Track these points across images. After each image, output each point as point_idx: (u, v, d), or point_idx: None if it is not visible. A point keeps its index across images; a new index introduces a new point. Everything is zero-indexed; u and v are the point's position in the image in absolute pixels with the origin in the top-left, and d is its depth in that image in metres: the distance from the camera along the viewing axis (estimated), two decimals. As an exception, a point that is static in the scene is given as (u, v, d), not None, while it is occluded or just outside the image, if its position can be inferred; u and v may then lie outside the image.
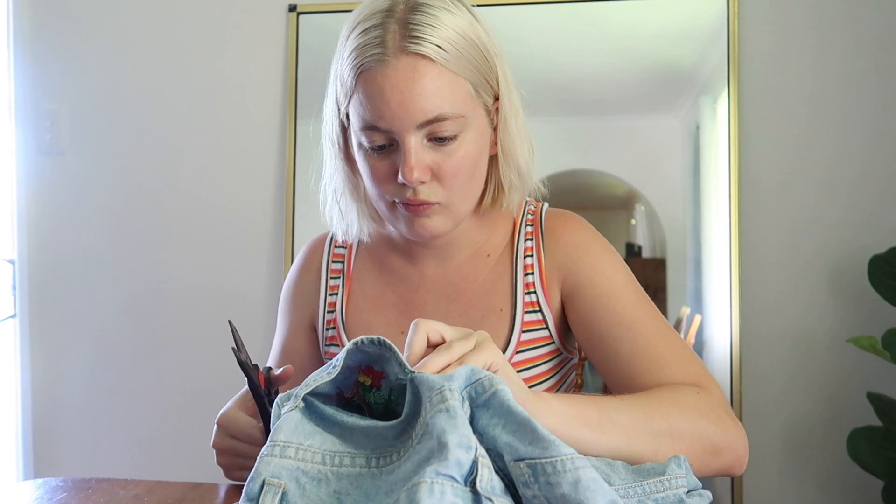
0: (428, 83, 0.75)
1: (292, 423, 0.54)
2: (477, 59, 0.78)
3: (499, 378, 0.52)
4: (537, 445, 0.49)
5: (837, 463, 1.62)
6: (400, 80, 0.75)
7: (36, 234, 1.96)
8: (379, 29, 0.76)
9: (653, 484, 0.59)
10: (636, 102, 1.71)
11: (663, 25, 1.69)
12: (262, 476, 0.52)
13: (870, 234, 1.61)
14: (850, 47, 1.64)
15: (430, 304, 0.91)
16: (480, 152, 0.82)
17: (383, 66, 0.75)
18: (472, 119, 0.79)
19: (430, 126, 0.76)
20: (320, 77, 1.82)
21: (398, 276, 0.93)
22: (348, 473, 0.53)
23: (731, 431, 0.73)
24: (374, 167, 0.80)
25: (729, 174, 1.64)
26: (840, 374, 1.64)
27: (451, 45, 0.76)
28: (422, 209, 0.80)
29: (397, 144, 0.78)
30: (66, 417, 1.96)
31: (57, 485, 0.76)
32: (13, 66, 1.93)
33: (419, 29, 0.75)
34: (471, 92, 0.79)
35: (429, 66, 0.75)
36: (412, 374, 0.53)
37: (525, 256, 0.90)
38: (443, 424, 0.48)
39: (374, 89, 0.76)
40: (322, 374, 0.56)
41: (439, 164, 0.78)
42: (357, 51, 0.77)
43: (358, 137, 0.80)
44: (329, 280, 0.97)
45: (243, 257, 1.87)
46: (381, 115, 0.76)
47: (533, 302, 0.88)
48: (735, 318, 1.62)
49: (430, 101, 0.75)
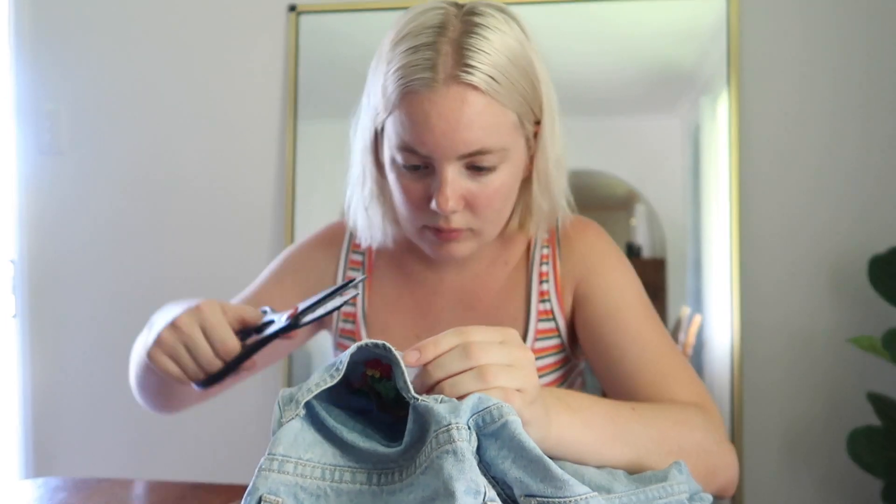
0: (475, 115, 0.72)
1: (291, 434, 0.52)
2: (525, 87, 0.76)
3: (509, 408, 0.50)
4: (550, 484, 0.48)
5: (837, 463, 1.62)
6: (447, 109, 0.72)
7: (36, 234, 1.96)
8: (430, 50, 0.73)
9: (655, 490, 0.59)
10: (636, 102, 1.71)
11: (663, 25, 1.68)
12: (260, 492, 0.51)
13: (870, 234, 1.61)
14: (851, 47, 1.64)
15: (447, 310, 0.90)
16: (515, 181, 0.81)
17: (431, 92, 0.72)
18: (512, 150, 0.77)
19: (471, 157, 0.74)
20: (320, 77, 1.83)
21: (416, 280, 0.92)
22: (348, 490, 0.52)
23: (728, 454, 0.73)
24: (406, 187, 0.78)
25: (729, 174, 1.64)
26: (840, 374, 1.63)
27: (502, 76, 0.73)
28: (452, 236, 0.79)
29: (433, 168, 0.76)
30: (66, 417, 1.96)
31: (57, 485, 0.75)
32: (13, 66, 1.93)
33: (472, 56, 0.72)
34: (515, 123, 0.76)
35: (478, 98, 0.72)
36: (415, 401, 0.51)
37: (541, 264, 0.89)
38: (449, 469, 0.46)
39: (419, 113, 0.73)
40: (325, 375, 0.54)
41: (474, 193, 0.77)
42: (405, 69, 0.73)
43: (392, 153, 0.78)
44: (347, 269, 0.95)
45: (243, 258, 1.87)
46: (423, 141, 0.74)
47: (547, 310, 0.88)
48: (735, 318, 1.62)
49: (474, 133, 0.73)
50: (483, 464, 0.50)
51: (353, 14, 1.79)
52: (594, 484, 0.58)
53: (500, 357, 0.53)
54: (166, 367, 0.72)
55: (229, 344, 0.72)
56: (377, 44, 0.81)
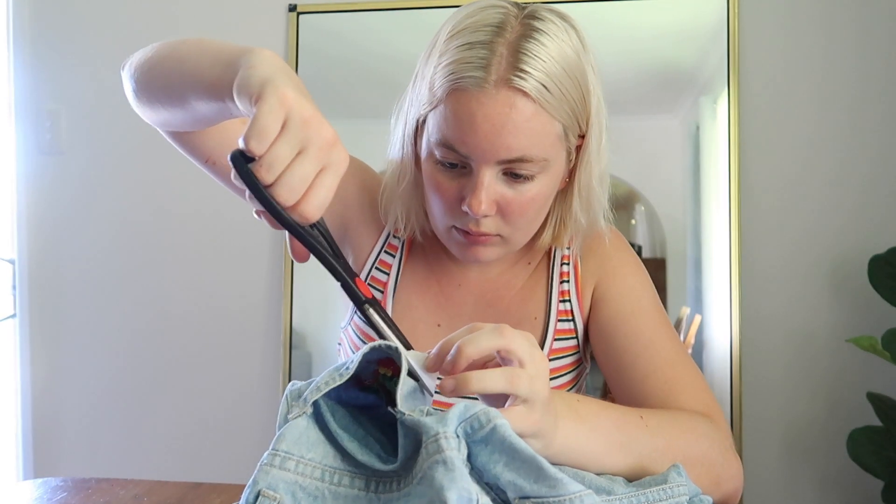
0: (522, 122, 0.71)
1: (296, 432, 0.53)
2: (576, 99, 0.74)
3: (496, 412, 0.51)
4: (544, 483, 0.48)
5: (837, 463, 1.62)
6: (495, 112, 0.70)
7: (36, 234, 1.96)
8: (486, 49, 0.71)
9: (655, 492, 0.59)
10: (636, 102, 1.71)
11: (663, 25, 1.69)
12: (259, 486, 0.51)
13: (870, 234, 1.61)
14: (850, 47, 1.64)
15: (469, 304, 0.90)
16: (551, 193, 0.79)
17: (481, 92, 0.71)
18: (553, 162, 0.76)
19: (511, 164, 0.73)
20: (320, 77, 1.83)
21: (443, 270, 0.92)
22: (345, 494, 0.52)
23: (734, 465, 0.73)
24: (440, 183, 0.77)
25: (729, 174, 1.64)
26: (840, 375, 1.64)
27: (554, 85, 0.71)
28: (481, 240, 0.78)
29: (470, 168, 0.75)
30: (66, 417, 1.96)
31: (57, 485, 0.76)
32: (13, 66, 1.93)
33: (527, 62, 0.70)
34: (560, 134, 0.75)
35: (527, 105, 0.71)
36: (402, 415, 0.51)
37: (562, 264, 0.89)
38: (441, 479, 0.46)
39: (464, 112, 0.72)
40: (334, 374, 0.54)
41: (508, 200, 0.75)
42: (456, 65, 0.72)
43: (431, 147, 0.77)
44: (383, 252, 0.92)
45: (243, 257, 1.87)
46: (465, 140, 0.72)
47: (567, 311, 0.88)
48: (735, 318, 1.62)
49: (518, 140, 0.71)
50: (475, 470, 0.51)
51: (352, 14, 1.79)
52: (593, 486, 0.58)
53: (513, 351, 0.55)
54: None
55: (318, 212, 0.54)
56: (377, 43, 0.81)
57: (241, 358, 1.87)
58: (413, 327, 0.87)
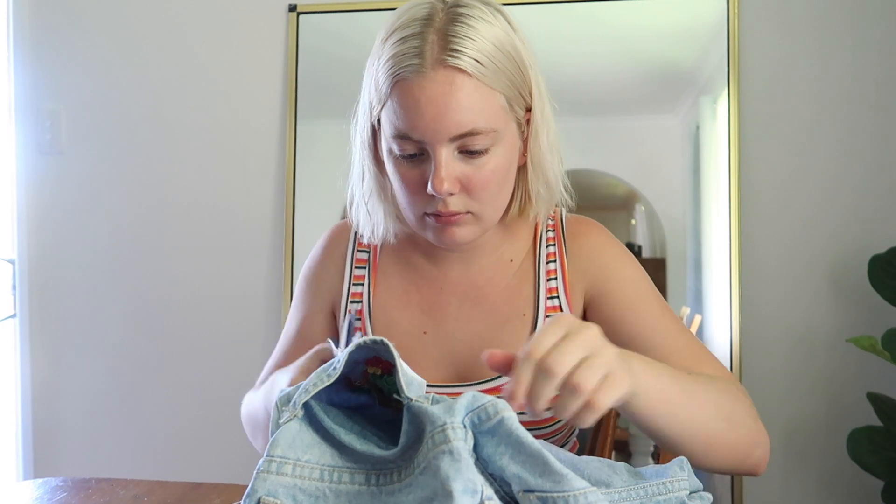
0: (463, 97, 0.75)
1: (290, 436, 0.53)
2: (512, 72, 0.78)
3: (503, 404, 0.51)
4: (549, 478, 0.48)
5: (837, 463, 1.61)
6: (436, 92, 0.75)
7: (36, 234, 1.96)
8: (417, 39, 0.75)
9: (655, 486, 0.59)
10: (636, 102, 1.71)
11: (663, 25, 1.68)
12: (258, 494, 0.51)
13: (870, 234, 1.61)
14: (851, 47, 1.64)
15: (453, 305, 0.91)
16: (510, 165, 0.83)
17: (420, 77, 0.75)
18: (503, 133, 0.79)
19: (463, 139, 0.76)
20: (320, 77, 1.83)
21: (422, 276, 0.93)
22: (347, 491, 0.52)
23: (763, 431, 0.77)
24: (403, 175, 0.81)
25: (729, 174, 1.64)
26: (840, 375, 1.63)
27: (488, 59, 0.76)
28: (452, 220, 0.81)
29: (428, 154, 0.78)
30: (66, 417, 1.96)
31: (57, 485, 0.76)
32: (13, 66, 1.93)
33: (458, 41, 0.75)
34: (504, 106, 0.79)
35: (465, 80, 0.75)
36: (409, 401, 0.51)
37: (548, 262, 0.91)
38: (447, 469, 0.47)
39: (409, 100, 0.76)
40: (322, 375, 0.54)
41: (469, 176, 0.78)
42: (394, 59, 0.76)
43: (389, 143, 0.80)
44: (354, 269, 0.96)
45: (243, 256, 1.87)
46: (415, 126, 0.76)
47: (555, 307, 0.89)
48: (735, 318, 1.62)
49: (464, 115, 0.75)
50: (480, 461, 0.51)
51: (352, 14, 1.79)
52: (593, 478, 0.58)
53: (573, 356, 0.55)
54: None
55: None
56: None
57: (241, 358, 1.86)
58: (399, 341, 0.88)
